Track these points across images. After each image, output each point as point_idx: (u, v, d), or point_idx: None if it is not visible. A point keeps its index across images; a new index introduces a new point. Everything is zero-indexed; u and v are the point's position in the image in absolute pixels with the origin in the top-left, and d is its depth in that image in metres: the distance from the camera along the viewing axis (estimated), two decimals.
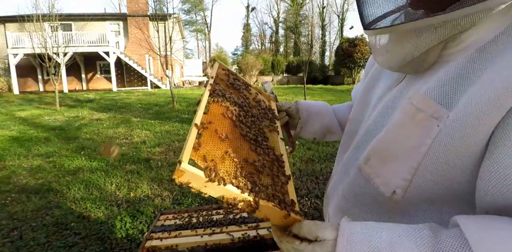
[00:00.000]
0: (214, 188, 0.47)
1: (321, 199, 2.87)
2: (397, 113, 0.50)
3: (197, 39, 41.67)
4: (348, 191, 0.59)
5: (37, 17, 10.65)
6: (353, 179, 0.58)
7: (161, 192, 3.17)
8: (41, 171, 3.93)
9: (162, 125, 6.75)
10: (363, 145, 0.59)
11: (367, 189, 0.54)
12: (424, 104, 0.45)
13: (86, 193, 3.18)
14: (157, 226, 1.29)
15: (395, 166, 0.48)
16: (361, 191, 0.56)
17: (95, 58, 18.08)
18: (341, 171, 0.66)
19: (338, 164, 0.71)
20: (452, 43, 0.46)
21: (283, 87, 18.39)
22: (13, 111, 9.19)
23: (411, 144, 0.45)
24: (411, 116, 0.46)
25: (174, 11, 13.62)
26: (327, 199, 0.71)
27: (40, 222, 2.62)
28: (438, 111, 0.43)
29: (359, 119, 0.68)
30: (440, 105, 0.43)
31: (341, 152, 0.74)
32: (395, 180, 0.48)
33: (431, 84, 0.46)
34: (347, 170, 0.63)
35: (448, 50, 0.47)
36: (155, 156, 4.48)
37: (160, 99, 11.36)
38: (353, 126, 0.71)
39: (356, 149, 0.62)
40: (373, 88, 0.68)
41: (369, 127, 0.59)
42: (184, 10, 37.99)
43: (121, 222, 2.56)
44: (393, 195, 0.49)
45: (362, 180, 0.55)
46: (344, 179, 0.63)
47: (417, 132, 0.45)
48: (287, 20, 37.53)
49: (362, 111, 0.69)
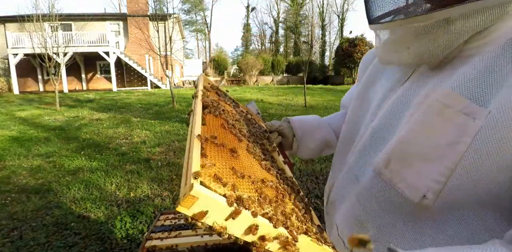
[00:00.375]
0: (240, 222, 0.35)
1: (321, 199, 2.87)
2: (419, 111, 0.46)
3: (197, 39, 41.69)
4: (366, 198, 0.53)
5: (37, 17, 10.65)
6: (370, 184, 0.52)
7: (161, 192, 3.17)
8: (41, 171, 3.93)
9: (162, 125, 6.75)
10: (372, 148, 0.55)
11: (389, 195, 0.49)
12: (452, 100, 0.42)
13: (86, 193, 3.18)
14: (157, 226, 1.29)
15: (423, 168, 0.44)
16: (382, 198, 0.50)
17: (95, 58, 18.09)
18: (346, 177, 0.61)
19: (339, 170, 0.66)
20: (479, 35, 0.43)
21: (283, 87, 18.39)
22: (13, 111, 9.18)
23: (444, 142, 0.41)
24: (439, 113, 0.42)
25: (174, 11, 13.63)
26: (332, 208, 0.65)
27: (40, 222, 2.62)
28: (468, 107, 0.40)
29: (358, 120, 0.65)
30: (470, 100, 0.40)
31: (340, 155, 0.69)
32: (425, 183, 0.43)
33: (456, 79, 0.43)
34: (356, 176, 0.58)
35: (472, 44, 0.44)
36: (155, 156, 4.48)
37: (160, 99, 11.36)
38: (351, 127, 0.67)
39: (363, 153, 0.57)
40: (372, 86, 0.65)
41: (376, 128, 0.55)
42: (184, 10, 38.01)
43: (121, 222, 2.56)
44: (423, 200, 0.44)
45: (382, 185, 0.50)
46: (354, 185, 0.58)
47: (449, 129, 0.41)
48: (287, 20, 37.53)
49: (361, 111, 0.65)
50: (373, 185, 0.51)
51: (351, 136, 0.66)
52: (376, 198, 0.51)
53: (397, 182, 0.47)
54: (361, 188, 0.55)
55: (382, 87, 0.60)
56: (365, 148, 0.57)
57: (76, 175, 3.74)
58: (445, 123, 0.42)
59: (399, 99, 0.52)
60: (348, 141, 0.67)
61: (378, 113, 0.57)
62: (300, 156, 0.85)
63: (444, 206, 0.43)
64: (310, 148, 0.82)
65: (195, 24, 40.08)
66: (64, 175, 3.76)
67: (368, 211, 0.53)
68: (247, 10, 39.45)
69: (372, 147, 0.55)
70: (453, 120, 0.41)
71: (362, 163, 0.57)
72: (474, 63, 0.43)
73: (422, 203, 0.44)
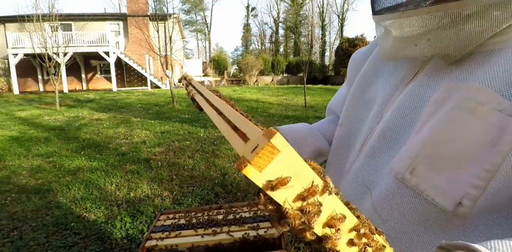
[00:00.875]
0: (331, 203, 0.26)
1: None
2: (442, 108, 0.42)
3: (197, 39, 41.71)
4: (385, 207, 0.46)
5: (37, 17, 10.65)
6: (389, 192, 0.46)
7: (161, 192, 3.17)
8: (41, 171, 3.93)
9: (162, 125, 6.75)
10: (383, 151, 0.50)
11: (415, 203, 0.43)
12: (484, 96, 0.38)
13: (86, 193, 3.18)
14: (157, 226, 1.29)
15: (457, 172, 0.39)
16: (407, 207, 0.44)
17: (95, 58, 18.09)
18: (351, 185, 0.55)
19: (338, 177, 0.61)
20: (508, 28, 0.39)
21: (283, 87, 18.39)
22: (13, 111, 9.19)
23: (480, 143, 0.37)
24: (470, 111, 0.39)
25: (174, 11, 13.63)
26: None
27: (40, 222, 2.62)
28: (502, 103, 0.37)
29: (357, 123, 0.60)
30: (502, 96, 0.37)
31: (337, 161, 0.64)
32: (460, 189, 0.38)
33: (484, 75, 0.40)
34: (365, 183, 0.52)
35: (495, 38, 0.41)
36: (155, 156, 4.48)
37: (160, 99, 11.36)
38: (348, 131, 0.63)
39: (373, 157, 0.52)
40: (370, 87, 0.60)
41: (386, 129, 0.50)
42: (184, 10, 38.03)
43: (121, 222, 2.56)
44: (458, 208, 0.39)
45: (405, 192, 0.44)
46: (364, 194, 0.51)
47: (483, 128, 0.37)
48: (287, 20, 37.55)
49: (359, 113, 0.61)
50: (394, 193, 0.45)
51: (349, 140, 0.61)
52: (398, 208, 0.45)
53: (426, 188, 0.42)
54: (377, 196, 0.48)
55: (383, 87, 0.56)
56: (374, 152, 0.52)
57: (76, 175, 3.74)
58: (478, 121, 0.38)
59: (410, 97, 0.48)
60: (345, 145, 0.62)
61: (385, 113, 0.52)
62: None
63: (479, 214, 0.39)
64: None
65: (195, 24, 40.10)
66: (64, 175, 3.76)
67: (388, 222, 0.46)
68: (247, 10, 39.47)
69: (383, 150, 0.50)
70: (487, 118, 0.37)
71: (372, 169, 0.51)
72: (501, 57, 0.40)
73: (457, 211, 0.39)
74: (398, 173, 0.44)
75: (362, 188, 0.52)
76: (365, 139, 0.55)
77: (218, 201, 2.94)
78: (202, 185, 3.30)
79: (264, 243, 1.12)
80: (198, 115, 7.96)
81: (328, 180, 0.26)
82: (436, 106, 0.43)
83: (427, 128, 0.43)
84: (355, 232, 0.28)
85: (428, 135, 0.42)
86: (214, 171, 3.75)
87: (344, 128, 0.64)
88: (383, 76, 0.58)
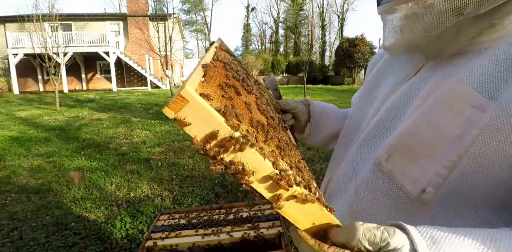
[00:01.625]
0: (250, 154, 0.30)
1: None
2: (425, 103, 0.44)
3: (197, 39, 41.70)
4: (363, 191, 0.51)
5: (37, 17, 10.65)
6: (369, 177, 0.51)
7: (161, 192, 3.17)
8: (41, 171, 3.93)
9: (162, 125, 6.75)
10: (374, 140, 0.54)
11: (387, 188, 0.47)
12: (461, 93, 0.41)
13: (86, 193, 3.18)
14: (157, 226, 1.29)
15: (426, 161, 0.42)
16: (380, 191, 0.49)
17: (95, 58, 18.09)
18: (344, 170, 0.60)
19: (337, 165, 0.65)
20: (492, 28, 0.42)
21: (283, 87, 18.39)
22: (13, 111, 9.18)
23: (450, 135, 0.40)
24: (447, 106, 0.41)
25: (174, 11, 13.62)
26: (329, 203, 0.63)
27: (40, 222, 2.62)
28: (477, 100, 0.39)
29: (360, 117, 0.65)
30: (480, 94, 0.40)
31: (339, 151, 0.68)
32: (426, 177, 0.42)
33: (466, 72, 0.42)
34: (355, 169, 0.56)
35: (484, 37, 0.43)
36: (155, 156, 4.48)
37: (160, 99, 11.36)
38: (353, 123, 0.67)
39: (364, 145, 0.56)
40: (378, 85, 0.65)
41: (380, 121, 0.54)
42: (184, 10, 38.02)
43: (121, 222, 2.56)
44: (422, 195, 0.42)
45: (381, 178, 0.48)
46: (352, 178, 0.56)
47: (456, 122, 0.40)
48: (287, 20, 37.55)
49: (364, 108, 0.65)
50: (372, 178, 0.50)
51: (352, 132, 0.65)
52: (373, 192, 0.49)
53: (397, 175, 0.46)
54: (360, 180, 0.53)
55: (388, 85, 0.60)
56: (365, 141, 0.56)
57: None
58: (453, 115, 0.41)
59: (405, 92, 0.51)
60: (348, 136, 0.66)
61: (382, 108, 0.56)
62: (308, 143, 0.80)
63: (441, 202, 0.42)
64: (322, 135, 0.78)
65: (195, 24, 40.10)
66: (64, 175, 3.76)
67: (365, 204, 0.51)
68: (247, 10, 39.47)
69: (373, 140, 0.54)
70: (462, 113, 0.40)
71: (361, 156, 0.56)
72: (486, 56, 0.42)
73: (421, 198, 0.43)
74: (377, 159, 0.49)
75: (350, 174, 0.57)
76: (363, 129, 0.59)
77: (218, 201, 2.94)
78: (202, 185, 3.30)
79: (264, 243, 1.12)
80: None
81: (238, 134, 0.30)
82: (422, 100, 0.46)
83: (409, 119, 0.46)
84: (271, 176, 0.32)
85: (408, 126, 0.45)
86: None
87: (351, 120, 0.70)
88: (392, 76, 0.61)
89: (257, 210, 1.33)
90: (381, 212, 0.49)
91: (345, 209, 0.55)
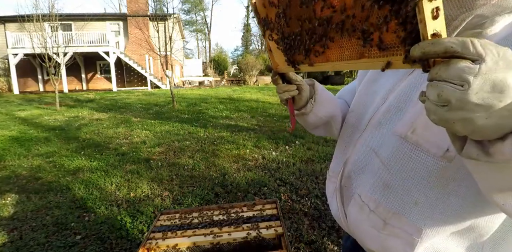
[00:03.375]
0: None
1: (321, 199, 2.87)
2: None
3: (197, 39, 41.71)
4: (393, 160, 0.59)
5: (37, 17, 10.65)
6: (396, 149, 0.58)
7: (161, 192, 3.17)
8: (41, 171, 3.93)
9: (162, 125, 6.75)
10: (389, 121, 0.62)
11: (416, 155, 0.55)
12: None
13: (86, 193, 3.18)
14: (157, 226, 1.29)
15: (444, 131, 0.46)
16: (409, 159, 0.56)
17: (95, 58, 18.09)
18: (361, 151, 0.67)
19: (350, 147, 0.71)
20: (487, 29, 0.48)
21: None
22: (13, 111, 9.19)
23: None
24: None
25: (174, 11, 13.63)
26: (349, 181, 0.70)
27: (40, 222, 2.62)
28: None
29: (364, 108, 0.71)
30: None
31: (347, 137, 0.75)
32: (447, 141, 0.49)
33: None
34: (372, 148, 0.64)
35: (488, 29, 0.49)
36: (155, 156, 4.48)
37: (160, 99, 11.36)
38: (357, 114, 0.74)
39: (378, 127, 0.64)
40: (378, 80, 0.70)
41: (389, 106, 0.62)
42: (184, 10, 38.05)
43: (121, 222, 2.56)
44: (446, 153, 0.51)
45: (408, 147, 0.56)
46: (372, 156, 0.63)
47: None
48: None
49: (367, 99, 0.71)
50: (400, 149, 0.57)
51: (357, 121, 0.73)
52: (403, 160, 0.57)
53: (423, 143, 0.54)
54: (385, 154, 0.60)
55: (390, 78, 0.66)
56: (380, 123, 0.64)
57: (76, 175, 3.74)
58: None
59: (411, 81, 0.59)
60: (353, 126, 0.74)
61: (389, 96, 0.63)
62: (305, 121, 0.82)
63: (460, 164, 0.49)
64: (318, 116, 0.80)
65: (195, 24, 40.11)
66: (64, 175, 3.76)
67: (395, 174, 0.58)
68: (247, 10, 39.45)
69: (387, 122, 0.62)
70: None
71: (378, 136, 0.63)
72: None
73: (445, 156, 0.51)
74: (402, 133, 0.57)
75: (369, 153, 0.65)
76: (372, 115, 0.67)
77: (218, 201, 2.94)
78: (202, 185, 3.30)
79: (264, 243, 1.12)
80: (198, 115, 7.96)
81: None
82: None
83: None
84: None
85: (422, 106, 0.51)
86: (214, 171, 3.75)
87: (353, 114, 0.76)
88: (386, 77, 0.68)
89: (257, 210, 1.33)
90: (411, 179, 0.56)
91: (374, 180, 0.63)
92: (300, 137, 5.26)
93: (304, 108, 0.78)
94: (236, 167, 3.86)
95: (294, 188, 3.17)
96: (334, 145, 4.88)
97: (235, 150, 4.57)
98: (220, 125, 6.53)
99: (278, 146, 4.79)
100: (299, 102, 0.77)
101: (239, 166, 3.91)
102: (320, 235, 2.26)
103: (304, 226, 2.40)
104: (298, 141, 5.05)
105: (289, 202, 2.85)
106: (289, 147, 4.75)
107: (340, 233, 2.28)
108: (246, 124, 6.67)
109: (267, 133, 5.68)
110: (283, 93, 0.72)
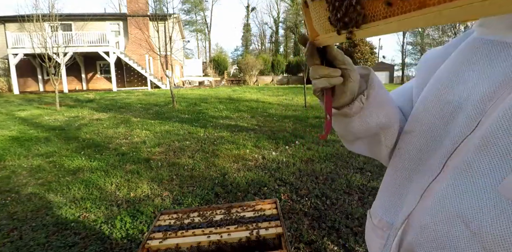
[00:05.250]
0: None
1: (321, 199, 2.87)
2: None
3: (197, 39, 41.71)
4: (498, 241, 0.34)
5: (37, 17, 10.65)
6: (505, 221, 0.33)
7: (161, 192, 3.17)
8: (41, 171, 3.93)
9: (162, 125, 6.75)
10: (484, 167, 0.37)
11: None
12: None
13: (86, 193, 3.18)
14: (157, 226, 1.29)
15: None
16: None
17: (95, 58, 18.10)
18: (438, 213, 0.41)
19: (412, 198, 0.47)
20: None
21: (283, 87, 18.39)
22: (13, 111, 9.19)
23: None
24: None
25: (174, 11, 13.63)
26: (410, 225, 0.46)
27: (40, 222, 2.62)
28: None
29: (431, 129, 0.47)
30: None
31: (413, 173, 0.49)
32: None
33: None
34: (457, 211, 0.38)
35: None
36: (155, 156, 4.48)
37: (160, 99, 11.36)
38: (420, 138, 0.49)
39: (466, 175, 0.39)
40: (451, 90, 0.46)
41: (489, 139, 0.36)
42: (184, 10, 38.06)
43: (121, 222, 2.56)
44: None
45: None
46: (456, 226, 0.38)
47: None
48: (287, 20, 37.54)
49: (436, 116, 0.46)
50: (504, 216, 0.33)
51: (426, 151, 0.47)
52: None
53: None
54: (488, 232, 0.35)
55: (475, 88, 0.41)
56: (469, 169, 0.39)
57: (76, 175, 3.74)
58: None
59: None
60: (422, 153, 0.48)
61: (485, 120, 0.38)
62: (342, 127, 0.57)
63: None
64: (366, 123, 0.54)
65: (195, 24, 40.11)
66: (64, 175, 3.76)
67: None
68: (247, 10, 39.48)
69: (484, 166, 0.37)
70: None
71: (466, 192, 0.38)
72: None
73: None
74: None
75: (453, 218, 0.39)
76: (451, 151, 0.41)
77: (218, 201, 2.94)
78: (202, 185, 3.30)
79: (264, 243, 1.12)
80: (198, 115, 7.96)
81: None
82: None
83: None
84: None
85: None
86: (214, 171, 3.75)
87: (414, 136, 0.50)
88: (474, 77, 0.43)
89: (257, 210, 1.33)
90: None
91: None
92: (300, 137, 5.26)
93: (348, 107, 0.52)
94: (236, 167, 3.86)
95: (294, 188, 3.17)
96: (334, 145, 4.88)
97: (235, 150, 4.58)
98: (220, 125, 6.53)
99: (278, 146, 4.79)
100: (341, 97, 0.51)
101: (239, 166, 3.91)
102: (320, 235, 2.26)
103: (304, 226, 2.40)
104: (298, 141, 5.05)
105: (289, 202, 2.85)
106: (289, 147, 4.76)
107: (340, 233, 2.28)
108: (246, 124, 6.67)
109: (267, 133, 5.68)
110: (320, 79, 0.48)
